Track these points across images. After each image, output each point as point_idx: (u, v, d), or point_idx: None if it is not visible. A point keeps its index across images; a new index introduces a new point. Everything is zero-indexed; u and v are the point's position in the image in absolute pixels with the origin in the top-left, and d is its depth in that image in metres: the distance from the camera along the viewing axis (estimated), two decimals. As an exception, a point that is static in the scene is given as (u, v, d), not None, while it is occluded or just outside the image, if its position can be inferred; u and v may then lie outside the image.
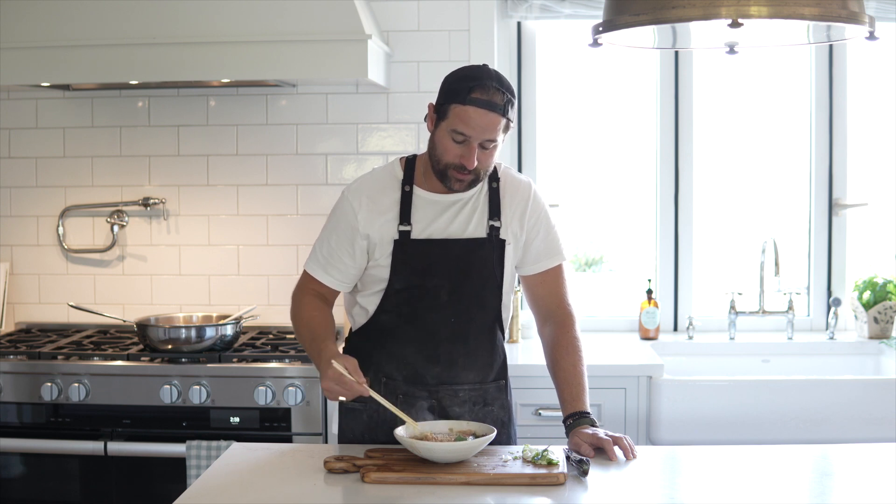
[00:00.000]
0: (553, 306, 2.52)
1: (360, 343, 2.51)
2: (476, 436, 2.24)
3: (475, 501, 2.01)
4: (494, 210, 2.43)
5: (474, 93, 2.27)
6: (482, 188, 2.45)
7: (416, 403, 2.43)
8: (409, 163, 2.47)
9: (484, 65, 2.37)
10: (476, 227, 2.43)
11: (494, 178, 2.46)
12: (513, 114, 2.33)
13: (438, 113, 2.33)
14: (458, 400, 2.45)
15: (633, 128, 3.94)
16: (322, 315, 2.47)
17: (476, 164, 2.31)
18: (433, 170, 2.38)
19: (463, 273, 2.42)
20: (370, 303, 2.47)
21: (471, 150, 2.29)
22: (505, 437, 2.49)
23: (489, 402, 2.49)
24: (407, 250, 2.40)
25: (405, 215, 2.41)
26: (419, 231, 2.41)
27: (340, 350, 3.50)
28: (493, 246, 2.43)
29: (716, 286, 3.91)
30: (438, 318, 2.42)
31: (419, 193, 2.43)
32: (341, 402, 2.51)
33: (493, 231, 2.43)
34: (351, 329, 2.56)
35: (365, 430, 2.48)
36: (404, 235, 2.40)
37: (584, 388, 2.40)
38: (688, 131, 3.87)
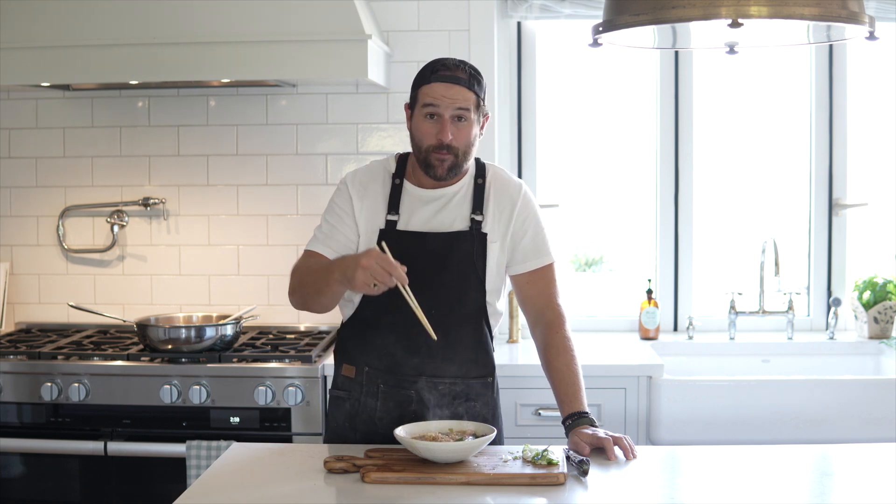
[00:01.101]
0: (542, 306, 2.54)
1: (348, 335, 2.55)
2: (476, 436, 2.24)
3: (475, 501, 2.01)
4: (477, 204, 2.50)
5: (437, 71, 2.41)
6: (468, 184, 2.51)
7: (397, 395, 2.46)
8: (402, 158, 2.57)
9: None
10: (459, 221, 2.48)
11: (481, 174, 2.53)
12: (481, 91, 2.43)
13: (411, 104, 2.47)
14: (437, 393, 2.46)
15: (633, 128, 3.94)
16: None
17: (451, 138, 2.39)
18: (417, 161, 2.48)
19: (443, 265, 2.45)
20: (356, 294, 2.51)
21: (444, 123, 2.39)
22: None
23: (472, 397, 2.49)
24: (391, 240, 2.44)
25: (393, 206, 2.48)
26: (404, 223, 2.48)
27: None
28: (473, 239, 2.47)
29: (716, 286, 3.91)
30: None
31: (408, 188, 2.51)
32: (331, 393, 2.56)
33: (475, 224, 2.48)
34: (342, 322, 2.58)
35: (347, 417, 2.52)
36: (390, 225, 2.47)
37: (581, 388, 2.41)
38: (688, 131, 3.87)
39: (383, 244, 2.31)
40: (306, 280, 2.45)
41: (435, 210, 2.49)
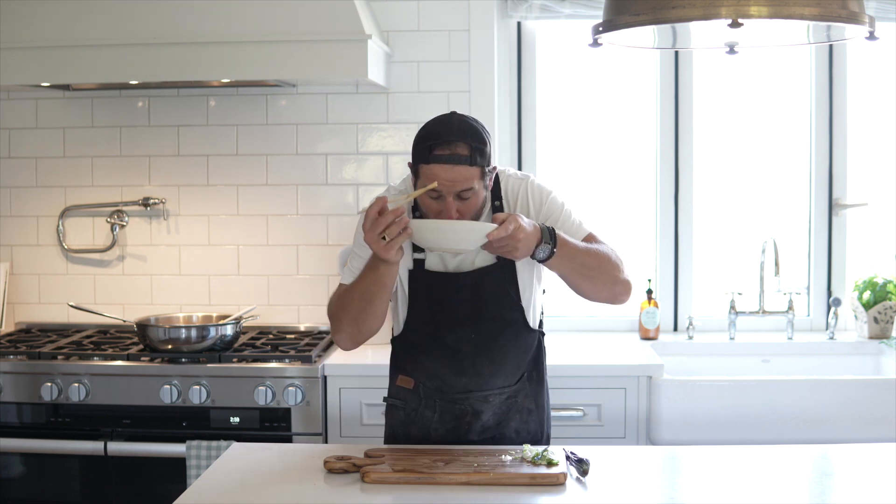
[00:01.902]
0: None
1: (399, 350, 2.54)
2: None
3: (475, 501, 2.01)
4: None
5: (435, 150, 2.24)
6: (486, 212, 2.42)
7: (452, 409, 2.46)
8: None
9: (451, 113, 2.33)
10: (482, 256, 2.42)
11: (497, 195, 2.45)
12: (485, 160, 2.28)
13: (413, 173, 2.33)
14: (489, 403, 2.47)
15: (633, 128, 3.93)
16: None
17: (456, 215, 2.29)
18: None
19: (477, 297, 2.42)
20: (400, 316, 2.51)
21: (448, 205, 2.27)
22: (534, 423, 2.51)
23: (513, 394, 2.50)
24: (421, 281, 2.43)
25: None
26: (432, 262, 2.42)
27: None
28: (503, 269, 2.42)
29: (716, 286, 3.91)
30: (460, 337, 2.44)
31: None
32: (386, 401, 2.54)
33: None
34: (392, 336, 2.57)
35: (400, 424, 2.52)
36: (418, 265, 2.42)
37: (579, 241, 2.36)
38: (688, 131, 3.87)
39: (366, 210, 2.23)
40: (349, 300, 2.38)
41: None
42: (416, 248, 2.43)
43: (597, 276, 2.40)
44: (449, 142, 2.24)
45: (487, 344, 2.45)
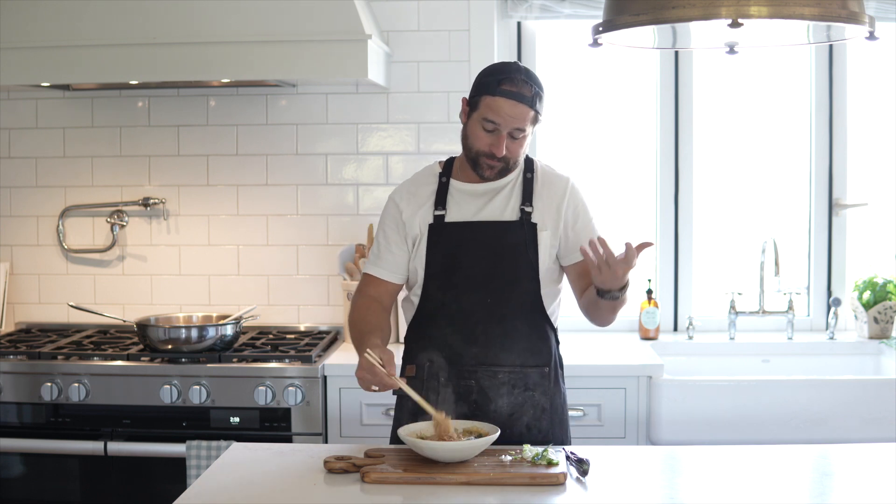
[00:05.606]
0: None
1: (411, 335, 2.58)
2: (480, 436, 2.24)
3: (475, 501, 2.01)
4: (527, 196, 2.53)
5: (504, 85, 2.41)
6: (516, 178, 2.55)
7: (457, 387, 2.47)
8: (449, 161, 2.62)
9: (515, 61, 2.51)
10: (508, 213, 2.52)
11: (530, 169, 2.57)
12: (541, 107, 2.46)
13: (471, 105, 2.47)
14: (496, 382, 2.48)
15: (633, 128, 3.93)
16: (372, 313, 2.55)
17: (505, 152, 2.43)
18: (466, 158, 2.51)
19: (495, 254, 2.49)
20: (416, 294, 2.56)
21: (500, 139, 2.43)
22: (546, 422, 2.51)
23: (530, 387, 2.50)
24: (441, 234, 2.50)
25: (440, 201, 2.53)
26: (453, 216, 2.52)
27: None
28: (524, 228, 2.50)
29: (716, 286, 3.91)
30: (474, 299, 2.48)
31: (455, 184, 2.56)
32: (396, 394, 2.52)
33: (525, 215, 2.50)
34: (407, 326, 2.60)
35: (410, 416, 2.51)
36: (439, 219, 2.51)
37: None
38: (688, 131, 3.87)
39: (368, 351, 2.30)
40: (351, 333, 2.56)
41: (483, 203, 2.53)
42: (437, 205, 2.51)
43: (616, 314, 2.55)
44: (516, 80, 2.42)
45: (501, 310, 2.47)
